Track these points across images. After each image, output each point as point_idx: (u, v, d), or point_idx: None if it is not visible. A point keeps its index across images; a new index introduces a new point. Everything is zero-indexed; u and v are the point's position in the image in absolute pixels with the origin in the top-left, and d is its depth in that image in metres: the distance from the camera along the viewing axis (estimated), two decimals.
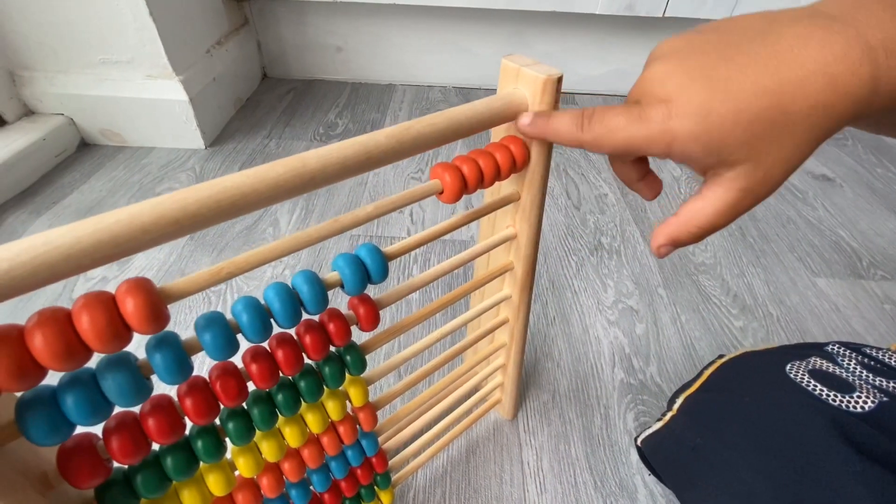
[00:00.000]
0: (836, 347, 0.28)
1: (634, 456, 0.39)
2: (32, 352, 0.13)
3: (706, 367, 0.28)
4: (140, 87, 0.69)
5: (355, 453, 0.27)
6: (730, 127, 0.15)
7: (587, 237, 0.63)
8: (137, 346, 0.19)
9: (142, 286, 0.15)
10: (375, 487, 0.32)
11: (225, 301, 0.50)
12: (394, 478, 0.33)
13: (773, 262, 0.60)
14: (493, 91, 0.86)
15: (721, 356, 0.29)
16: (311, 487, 0.27)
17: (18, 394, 0.15)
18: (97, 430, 0.17)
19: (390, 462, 0.32)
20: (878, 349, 0.27)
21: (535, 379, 0.45)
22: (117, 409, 0.17)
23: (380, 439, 0.29)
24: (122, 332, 0.14)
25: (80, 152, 0.73)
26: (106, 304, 0.14)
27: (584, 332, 0.50)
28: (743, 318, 0.52)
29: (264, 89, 0.96)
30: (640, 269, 0.58)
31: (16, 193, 0.64)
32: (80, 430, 0.16)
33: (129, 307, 0.14)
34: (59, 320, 0.14)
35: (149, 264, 0.55)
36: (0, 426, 0.14)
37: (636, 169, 0.21)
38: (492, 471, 0.38)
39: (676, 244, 0.19)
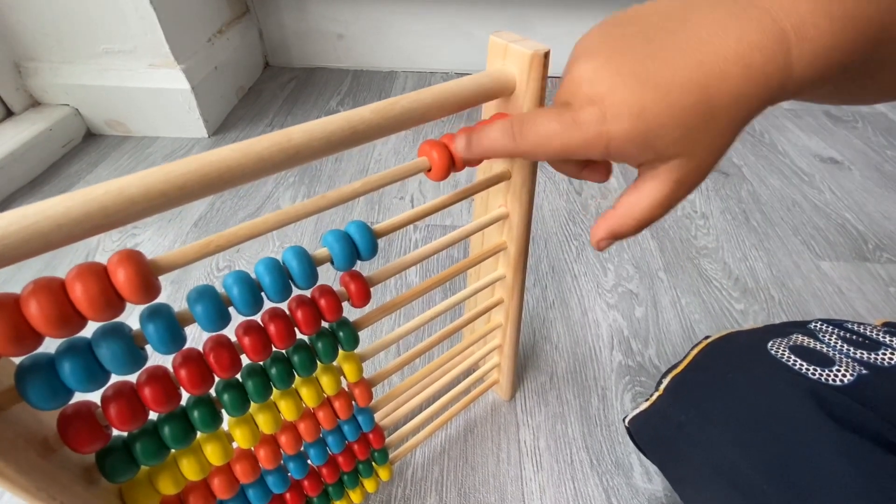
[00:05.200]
0: (818, 324, 0.28)
1: None
2: (28, 318, 0.14)
3: (693, 348, 0.28)
4: (143, 77, 0.70)
5: (351, 428, 0.28)
6: (663, 124, 0.15)
7: (588, 222, 0.62)
8: (133, 317, 0.20)
9: (132, 257, 0.15)
10: (373, 463, 0.32)
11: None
12: (392, 455, 0.34)
13: (776, 246, 0.60)
14: None
15: (707, 337, 0.29)
16: (309, 461, 0.27)
17: (17, 360, 0.15)
18: (97, 398, 0.18)
19: (388, 439, 0.32)
20: (861, 324, 0.27)
21: (534, 361, 0.45)
22: (115, 378, 0.17)
23: (376, 416, 0.30)
24: (114, 301, 0.15)
25: (85, 142, 0.74)
26: (98, 273, 0.15)
27: (584, 315, 0.50)
28: (744, 301, 0.52)
29: (266, 78, 0.96)
30: (641, 252, 0.58)
31: (25, 183, 0.65)
32: (80, 397, 0.17)
33: (121, 277, 0.15)
34: (54, 289, 0.14)
35: (154, 249, 0.56)
36: (1, 391, 0.15)
37: (574, 163, 0.21)
38: (489, 449, 0.39)
39: (616, 237, 0.19)
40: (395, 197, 0.65)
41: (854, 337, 0.26)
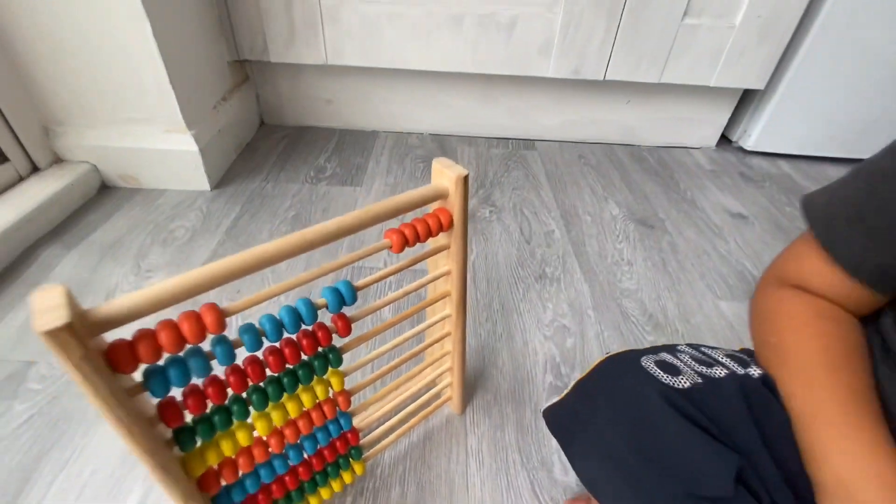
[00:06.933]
0: (683, 347, 0.40)
1: (554, 441, 0.50)
2: (159, 341, 0.25)
3: (597, 360, 0.39)
4: (157, 140, 0.81)
5: (335, 427, 0.38)
6: None
7: (534, 267, 0.75)
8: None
9: (214, 307, 0.26)
10: (350, 459, 0.42)
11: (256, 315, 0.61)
12: (365, 454, 0.44)
13: (685, 288, 0.73)
14: (464, 138, 1.02)
15: (608, 353, 0.40)
16: (304, 452, 0.37)
17: (142, 367, 0.26)
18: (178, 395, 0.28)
19: (361, 442, 0.42)
20: (716, 349, 0.39)
21: (483, 382, 0.56)
22: (194, 380, 0.28)
23: (354, 419, 0.40)
24: (200, 334, 0.26)
25: (100, 194, 0.84)
26: (194, 317, 0.26)
27: (525, 345, 0.62)
28: (654, 334, 0.65)
29: (261, 135, 1.09)
30: (575, 294, 0.70)
31: (48, 230, 0.75)
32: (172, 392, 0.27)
33: (208, 319, 0.26)
34: (170, 325, 0.25)
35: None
36: (135, 385, 0.25)
37: None
38: (442, 452, 0.49)
39: None
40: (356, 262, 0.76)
41: (702, 356, 0.38)
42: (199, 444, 0.30)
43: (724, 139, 1.21)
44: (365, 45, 0.95)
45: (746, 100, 1.12)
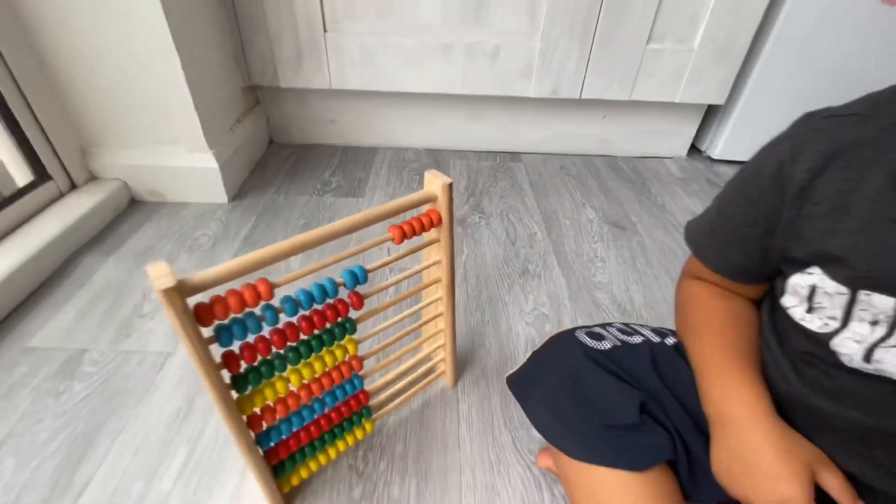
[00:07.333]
0: (616, 323, 0.50)
1: None
2: (228, 303, 0.34)
3: (548, 338, 0.49)
4: (183, 159, 0.92)
5: (350, 386, 0.47)
6: None
7: (518, 265, 0.85)
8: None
9: (265, 281, 0.36)
10: (362, 418, 0.51)
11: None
12: (374, 415, 0.53)
13: (651, 282, 0.83)
14: (456, 152, 1.13)
15: (561, 330, 0.50)
16: (325, 406, 0.47)
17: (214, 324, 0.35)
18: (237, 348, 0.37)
19: (371, 403, 0.52)
20: (644, 326, 0.49)
21: (472, 361, 0.66)
22: (249, 337, 0.37)
23: (365, 381, 0.49)
24: (255, 300, 0.35)
25: (130, 207, 0.94)
26: (252, 287, 0.35)
27: (509, 330, 0.71)
28: (621, 320, 0.74)
29: (271, 153, 1.19)
30: (554, 287, 0.80)
31: (86, 241, 0.84)
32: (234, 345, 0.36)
33: (261, 289, 0.35)
34: (235, 293, 0.34)
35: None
36: (209, 337, 0.35)
37: None
38: (438, 417, 0.58)
39: None
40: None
41: (627, 329, 0.47)
42: (249, 390, 0.39)
43: (695, 149, 1.32)
44: (365, 71, 1.06)
45: (711, 113, 1.23)
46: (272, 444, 0.44)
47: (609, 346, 0.45)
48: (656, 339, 0.46)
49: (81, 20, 0.76)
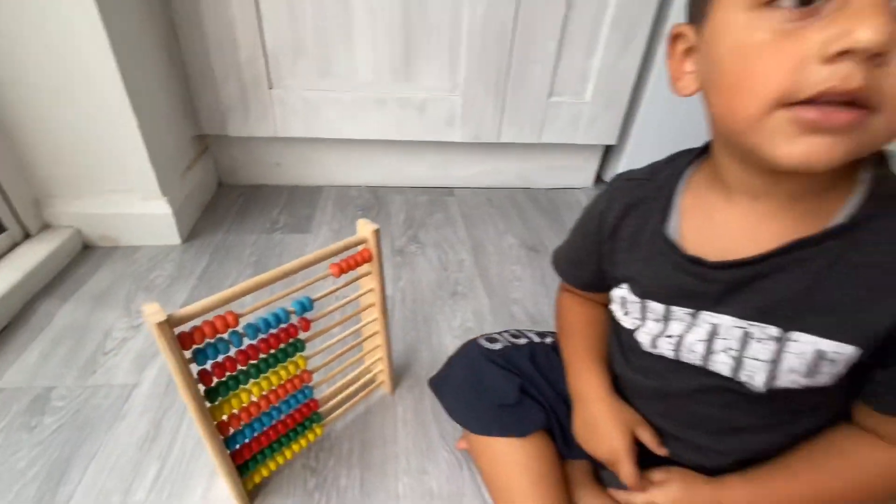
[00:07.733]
0: (511, 330, 0.65)
1: None
2: (203, 331, 0.45)
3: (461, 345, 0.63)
4: (136, 207, 0.99)
5: (301, 396, 0.58)
6: None
7: (449, 287, 0.99)
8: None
9: (231, 313, 0.47)
10: (313, 423, 0.62)
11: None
12: (324, 420, 0.64)
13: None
14: (396, 188, 1.27)
15: (473, 338, 0.64)
16: (281, 413, 0.57)
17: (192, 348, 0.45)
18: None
19: (320, 409, 0.62)
20: (531, 331, 0.64)
21: (408, 372, 0.78)
22: (220, 357, 0.48)
23: (315, 391, 0.60)
24: (224, 328, 0.46)
25: (83, 252, 0.99)
26: (221, 318, 0.46)
27: (440, 343, 0.84)
28: (534, 329, 0.89)
29: (220, 195, 1.27)
30: (478, 305, 0.94)
31: (41, 287, 0.89)
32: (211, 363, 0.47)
33: (229, 318, 0.46)
34: (209, 323, 0.45)
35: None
36: (188, 358, 0.45)
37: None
38: (378, 419, 0.69)
39: None
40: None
41: (518, 334, 0.62)
42: (219, 400, 0.49)
43: (600, 180, 1.54)
44: (308, 120, 1.18)
45: (610, 150, 1.46)
46: (237, 446, 0.54)
47: (500, 346, 0.59)
48: (538, 339, 0.62)
49: (35, 75, 0.82)
